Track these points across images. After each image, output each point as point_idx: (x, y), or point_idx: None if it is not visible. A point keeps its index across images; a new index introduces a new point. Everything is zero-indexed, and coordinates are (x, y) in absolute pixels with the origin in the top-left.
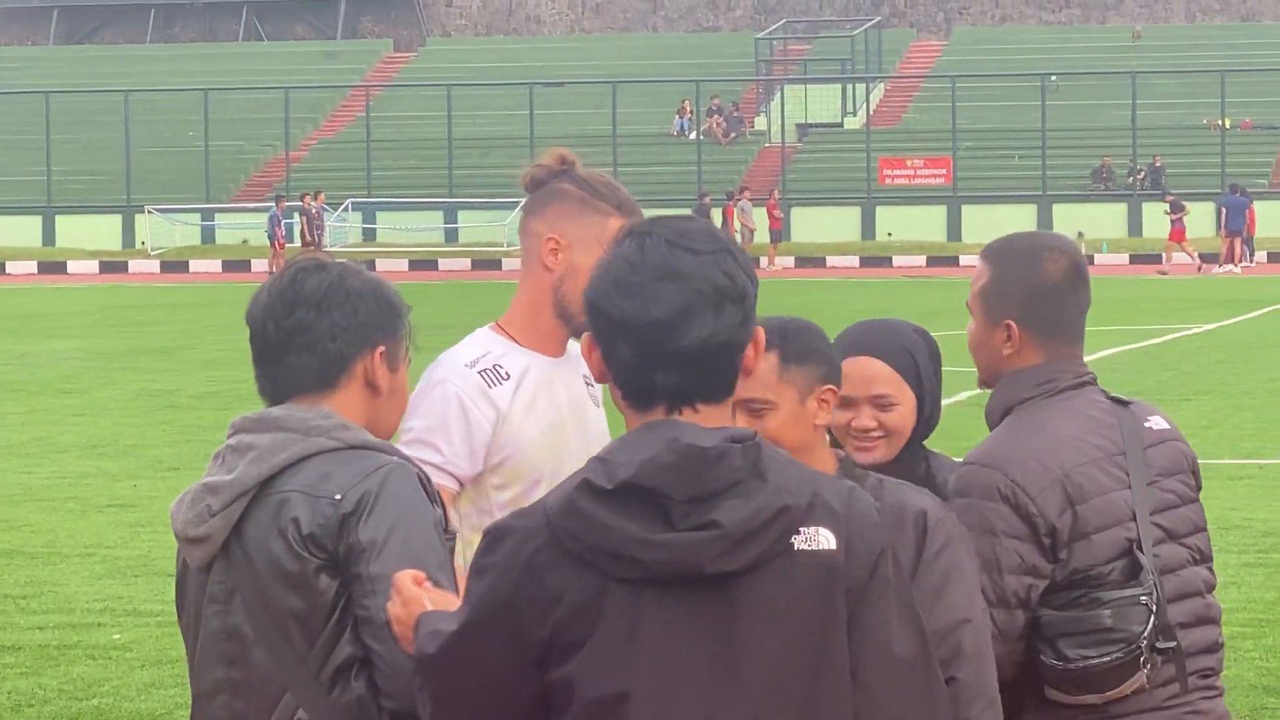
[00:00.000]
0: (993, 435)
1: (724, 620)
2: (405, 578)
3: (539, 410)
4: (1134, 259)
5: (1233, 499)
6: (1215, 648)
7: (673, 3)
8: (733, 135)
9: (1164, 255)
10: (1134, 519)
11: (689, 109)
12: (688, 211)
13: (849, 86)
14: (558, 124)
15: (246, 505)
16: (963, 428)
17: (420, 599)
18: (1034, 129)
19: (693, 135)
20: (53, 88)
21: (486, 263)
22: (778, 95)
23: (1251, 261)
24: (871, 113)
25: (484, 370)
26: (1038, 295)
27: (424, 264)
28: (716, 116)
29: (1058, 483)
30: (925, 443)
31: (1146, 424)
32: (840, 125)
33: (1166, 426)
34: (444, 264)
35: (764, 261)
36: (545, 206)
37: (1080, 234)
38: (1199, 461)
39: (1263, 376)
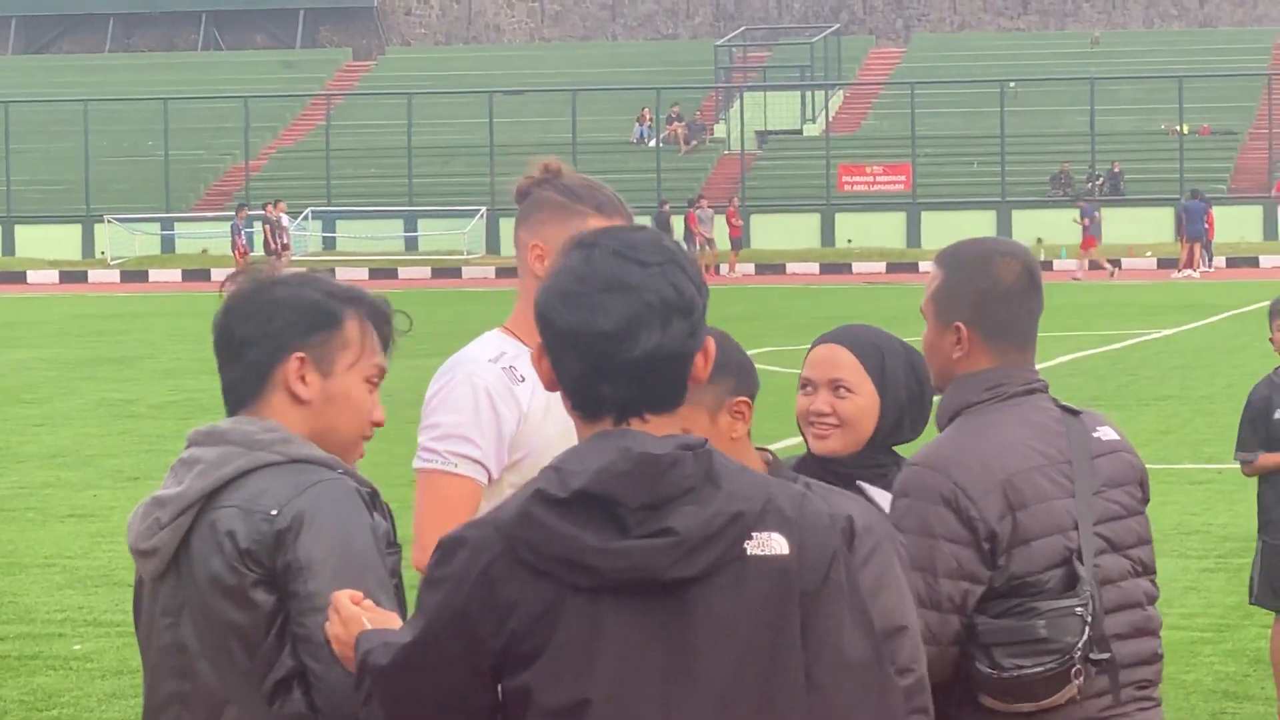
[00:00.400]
0: (938, 437)
1: (680, 626)
2: (343, 597)
3: (554, 413)
4: (1093, 265)
5: (1192, 504)
6: (1153, 659)
7: (632, 10)
8: (693, 143)
9: (1081, 263)
10: (1075, 528)
11: (649, 116)
12: (648, 220)
13: (808, 93)
14: (518, 132)
15: (194, 519)
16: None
17: (359, 618)
18: (993, 135)
19: (653, 143)
20: (11, 97)
21: (447, 271)
22: (737, 102)
23: (1210, 266)
24: (831, 120)
25: (504, 368)
26: (988, 298)
27: (384, 272)
28: (677, 124)
29: (999, 487)
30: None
31: (1095, 434)
32: (800, 132)
33: (1116, 437)
34: (404, 272)
35: (724, 269)
36: (529, 215)
37: (1039, 240)
38: (1157, 468)
39: (1221, 382)
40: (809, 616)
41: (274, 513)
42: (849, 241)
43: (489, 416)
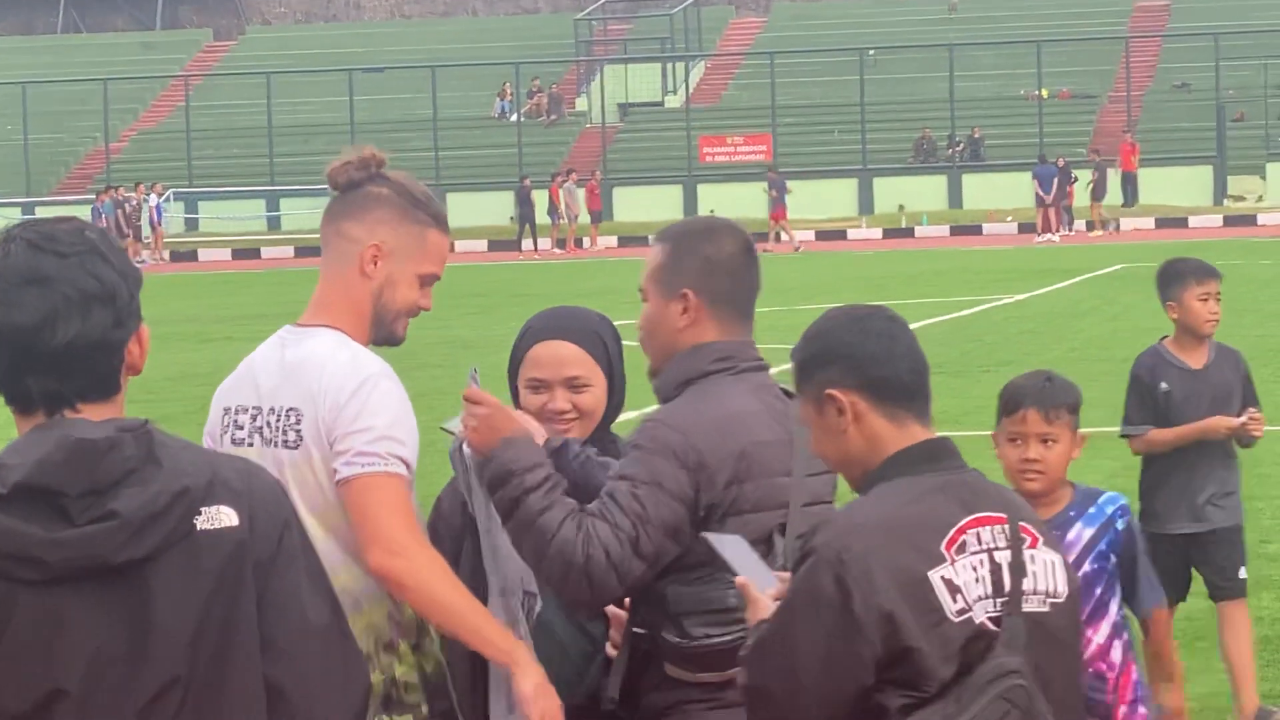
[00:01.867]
0: (675, 401)
1: (138, 607)
2: None
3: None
4: (954, 230)
5: None
6: None
7: None
8: (554, 117)
9: (770, 234)
10: (787, 506)
11: (510, 91)
12: (510, 194)
13: (669, 65)
14: (378, 109)
15: None
16: None
17: None
18: (853, 103)
19: (514, 117)
20: None
21: (309, 250)
22: (598, 76)
23: (1070, 230)
24: (692, 91)
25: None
26: (714, 265)
27: (247, 253)
28: (539, 96)
29: (733, 457)
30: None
31: None
32: (661, 104)
33: None
34: (267, 252)
35: (586, 242)
36: (365, 212)
37: (901, 207)
38: (988, 435)
39: (1065, 347)
40: (266, 584)
41: None
42: (711, 212)
43: (412, 421)
